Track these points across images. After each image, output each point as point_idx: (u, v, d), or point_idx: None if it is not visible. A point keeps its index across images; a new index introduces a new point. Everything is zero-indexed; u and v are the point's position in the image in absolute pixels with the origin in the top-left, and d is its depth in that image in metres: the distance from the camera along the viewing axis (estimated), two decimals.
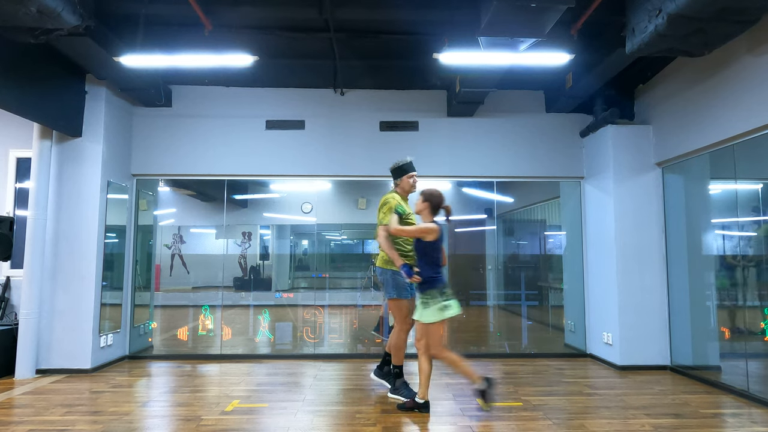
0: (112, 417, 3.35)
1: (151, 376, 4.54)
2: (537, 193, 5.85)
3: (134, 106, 5.39)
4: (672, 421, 3.30)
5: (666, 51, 3.59)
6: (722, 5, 3.00)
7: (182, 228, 5.72)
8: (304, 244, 6.12)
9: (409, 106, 5.52)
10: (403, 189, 3.90)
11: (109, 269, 4.95)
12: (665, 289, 4.85)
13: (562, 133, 5.54)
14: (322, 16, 4.06)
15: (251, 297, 5.65)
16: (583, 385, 4.19)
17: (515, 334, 5.58)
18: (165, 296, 5.60)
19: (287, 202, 5.73)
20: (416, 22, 4.35)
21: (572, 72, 4.87)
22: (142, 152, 5.36)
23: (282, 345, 5.45)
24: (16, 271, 5.05)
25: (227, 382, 4.30)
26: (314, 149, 5.44)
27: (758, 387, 3.76)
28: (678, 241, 4.73)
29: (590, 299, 5.35)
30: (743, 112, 3.77)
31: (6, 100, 3.87)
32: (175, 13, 4.08)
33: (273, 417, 3.36)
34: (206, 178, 5.45)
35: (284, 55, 4.98)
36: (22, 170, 5.23)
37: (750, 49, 3.71)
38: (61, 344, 4.58)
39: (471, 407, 3.57)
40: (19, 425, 3.19)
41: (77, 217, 4.71)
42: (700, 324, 4.43)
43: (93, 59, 4.23)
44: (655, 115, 4.94)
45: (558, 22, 3.55)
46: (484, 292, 5.75)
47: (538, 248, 5.99)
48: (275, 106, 5.48)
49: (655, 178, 4.96)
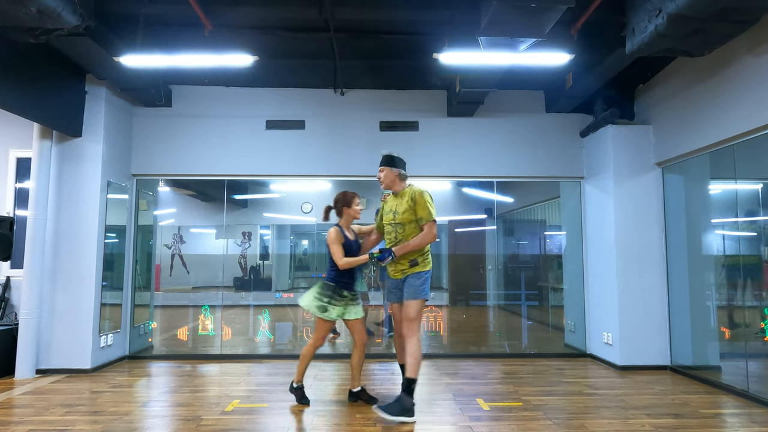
0: (112, 417, 3.35)
1: (151, 376, 4.54)
2: (537, 193, 5.85)
3: (134, 106, 5.39)
4: (672, 421, 3.29)
5: (666, 51, 3.59)
6: (722, 5, 3.00)
7: (182, 228, 5.72)
8: (304, 244, 6.13)
9: (409, 106, 5.52)
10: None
11: (109, 269, 4.95)
12: (665, 289, 4.85)
13: (562, 133, 5.54)
14: (322, 16, 4.06)
15: (251, 297, 5.65)
16: (583, 385, 4.19)
17: (515, 334, 5.58)
18: (165, 296, 5.60)
19: (287, 202, 5.73)
20: (416, 22, 4.35)
21: (572, 72, 4.87)
22: (142, 152, 5.36)
23: (282, 345, 5.45)
24: (16, 271, 5.05)
25: (227, 382, 4.30)
26: (314, 149, 5.44)
27: (758, 387, 3.76)
28: (678, 241, 4.73)
29: (590, 299, 5.35)
30: (743, 112, 3.76)
31: (6, 100, 3.87)
32: (175, 13, 4.07)
33: (273, 417, 3.36)
34: (206, 178, 5.45)
35: (284, 55, 4.98)
36: (22, 170, 5.23)
37: (750, 49, 3.71)
38: (61, 344, 4.58)
39: (471, 407, 3.57)
40: (19, 425, 3.19)
41: (77, 217, 4.71)
42: (700, 324, 4.43)
43: (93, 59, 4.23)
44: (655, 115, 4.94)
45: (558, 22, 3.54)
46: (484, 292, 5.76)
47: (538, 248, 5.99)
48: (275, 106, 5.48)
49: (655, 178, 4.96)
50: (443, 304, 5.74)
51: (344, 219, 3.70)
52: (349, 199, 3.68)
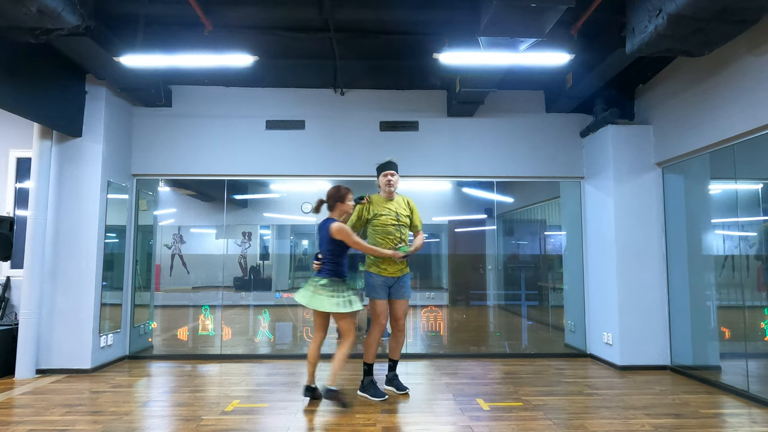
0: (112, 417, 3.35)
1: (151, 376, 4.54)
2: (537, 193, 5.85)
3: (134, 106, 5.39)
4: (672, 421, 3.30)
5: (666, 51, 3.59)
6: (722, 5, 3.00)
7: (182, 228, 5.72)
8: (304, 244, 6.12)
9: (409, 106, 5.52)
10: (381, 189, 3.96)
11: (109, 269, 4.95)
12: (665, 289, 4.85)
13: (562, 133, 5.54)
14: (322, 16, 4.06)
15: (251, 297, 5.65)
16: (583, 385, 4.19)
17: (515, 334, 5.58)
18: (165, 296, 5.60)
19: (287, 202, 5.73)
20: (416, 22, 4.35)
21: (572, 72, 4.87)
22: (142, 152, 5.36)
23: (282, 345, 5.45)
24: (16, 271, 5.05)
25: (227, 382, 4.30)
26: (314, 149, 5.44)
27: (758, 387, 3.76)
28: (678, 241, 4.73)
29: (590, 299, 5.35)
30: (743, 112, 3.76)
31: (6, 100, 3.87)
32: (175, 13, 4.08)
33: (273, 417, 3.36)
34: (206, 178, 5.45)
35: (284, 55, 4.99)
36: (22, 170, 5.23)
37: (750, 49, 3.71)
38: (61, 344, 4.59)
39: (471, 407, 3.58)
40: (19, 425, 3.19)
41: (77, 217, 4.71)
42: (700, 324, 4.43)
43: (93, 59, 4.23)
44: (655, 115, 4.95)
45: (558, 22, 3.55)
46: (484, 292, 5.76)
47: (538, 248, 5.99)
48: (275, 106, 5.49)
49: (655, 178, 4.96)
50: (443, 304, 5.74)
51: (336, 213, 3.72)
52: (342, 194, 3.71)
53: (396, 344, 4.00)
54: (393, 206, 3.90)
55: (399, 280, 3.89)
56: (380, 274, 3.83)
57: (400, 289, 3.90)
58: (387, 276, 3.83)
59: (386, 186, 3.90)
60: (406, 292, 3.93)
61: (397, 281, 3.88)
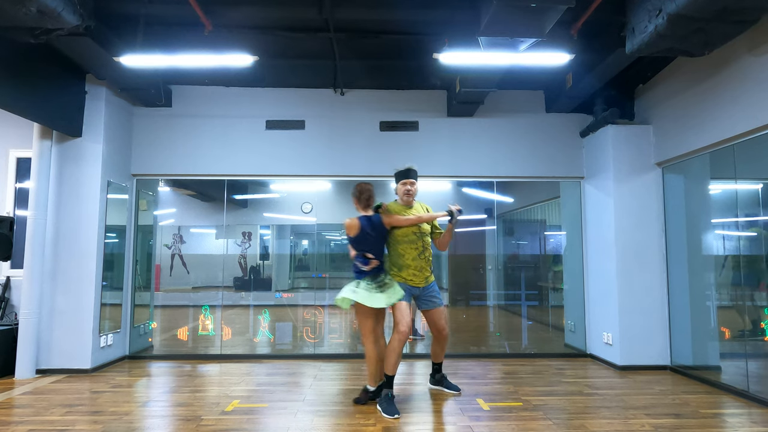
0: (112, 417, 3.35)
1: (151, 376, 4.54)
2: (537, 193, 5.85)
3: (134, 106, 5.39)
4: (672, 421, 3.30)
5: (666, 51, 3.59)
6: (722, 5, 3.00)
7: (182, 228, 5.72)
8: (304, 244, 6.12)
9: (409, 106, 5.52)
10: (399, 197, 3.85)
11: (109, 269, 4.95)
12: (665, 289, 4.85)
13: (562, 133, 5.54)
14: (322, 16, 4.06)
15: (251, 297, 5.65)
16: (583, 385, 4.19)
17: (515, 334, 5.58)
18: (165, 296, 5.60)
19: (287, 202, 5.73)
20: (416, 22, 4.35)
21: (572, 72, 4.87)
22: (142, 152, 5.36)
23: (282, 345, 5.45)
24: (16, 271, 5.05)
25: (227, 382, 4.30)
26: (314, 149, 5.44)
27: (758, 387, 3.76)
28: (678, 241, 4.73)
29: (590, 299, 5.35)
30: (743, 112, 3.76)
31: (6, 100, 3.87)
32: (175, 13, 4.07)
33: (273, 417, 3.36)
34: (206, 178, 5.45)
35: (284, 55, 4.98)
36: (22, 170, 5.23)
37: (750, 49, 3.71)
38: (61, 344, 4.59)
39: (471, 407, 3.57)
40: (19, 425, 3.19)
41: (77, 217, 4.71)
42: (700, 324, 4.43)
43: (93, 59, 4.23)
44: (655, 115, 4.95)
45: (558, 22, 3.55)
46: (484, 292, 5.76)
47: (538, 248, 5.99)
48: (275, 106, 5.48)
49: (655, 178, 4.96)
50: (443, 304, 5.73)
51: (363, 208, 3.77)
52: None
53: (440, 349, 3.94)
54: (413, 214, 3.77)
55: (425, 289, 3.74)
56: (405, 283, 3.67)
57: (432, 299, 3.76)
58: (412, 285, 3.69)
59: (405, 195, 3.76)
60: (438, 300, 3.80)
61: (424, 291, 3.74)
